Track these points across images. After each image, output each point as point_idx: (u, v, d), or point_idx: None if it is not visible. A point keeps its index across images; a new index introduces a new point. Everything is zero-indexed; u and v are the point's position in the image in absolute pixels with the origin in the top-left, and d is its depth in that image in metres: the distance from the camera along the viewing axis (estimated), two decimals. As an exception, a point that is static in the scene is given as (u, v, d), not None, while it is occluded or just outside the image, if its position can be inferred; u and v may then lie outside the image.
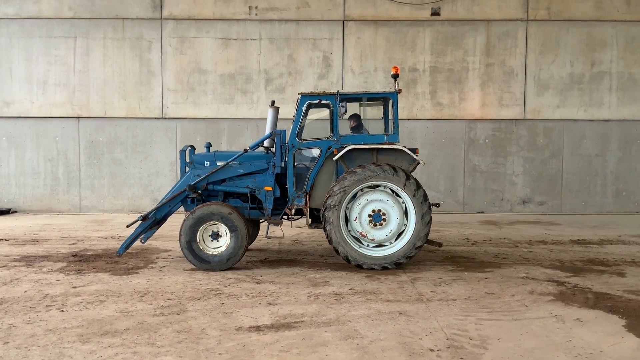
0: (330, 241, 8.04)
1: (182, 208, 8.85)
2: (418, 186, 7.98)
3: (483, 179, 14.88)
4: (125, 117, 14.74)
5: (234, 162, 8.56)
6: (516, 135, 14.83)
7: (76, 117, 14.74)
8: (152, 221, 8.55)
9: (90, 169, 14.81)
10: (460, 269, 8.22)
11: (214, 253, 8.05)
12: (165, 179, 14.80)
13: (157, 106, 14.74)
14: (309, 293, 6.90)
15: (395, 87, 8.50)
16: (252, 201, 8.60)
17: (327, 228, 7.99)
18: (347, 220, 8.11)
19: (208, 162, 8.72)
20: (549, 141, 14.85)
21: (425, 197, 8.00)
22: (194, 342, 5.18)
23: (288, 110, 14.79)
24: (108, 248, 9.74)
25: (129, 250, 9.35)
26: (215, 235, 8.07)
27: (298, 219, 8.96)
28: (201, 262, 8.00)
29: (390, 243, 8.13)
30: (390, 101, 8.62)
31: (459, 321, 5.82)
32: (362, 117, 9.26)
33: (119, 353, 4.91)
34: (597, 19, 14.61)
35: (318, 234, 10.95)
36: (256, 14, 14.59)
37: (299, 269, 8.24)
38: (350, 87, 14.45)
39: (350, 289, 7.07)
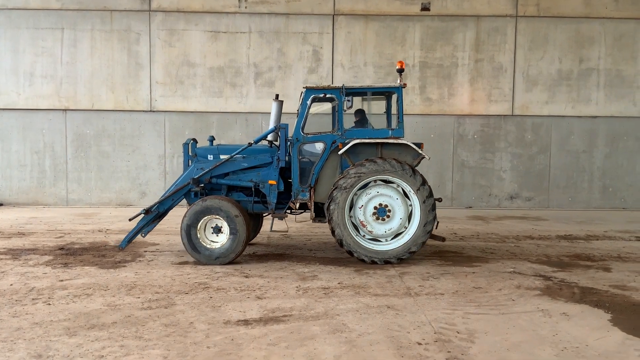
0: (329, 221, 8.00)
1: (183, 202, 8.79)
2: (430, 194, 8.01)
3: (471, 175, 14.94)
4: (113, 110, 14.62)
5: (237, 155, 8.52)
6: (504, 131, 14.89)
7: (63, 110, 14.60)
8: (155, 215, 8.49)
9: (78, 161, 14.69)
10: (448, 263, 8.26)
11: (208, 246, 8.00)
12: (153, 172, 14.72)
13: (145, 99, 14.64)
14: (297, 287, 6.90)
15: (400, 81, 8.48)
16: (256, 195, 8.58)
17: (332, 207, 7.95)
18: (351, 208, 8.10)
19: (211, 156, 8.67)
20: (536, 137, 14.93)
21: (433, 206, 8.03)
22: (181, 336, 5.16)
23: (277, 104, 14.74)
24: (95, 241, 9.68)
25: (116, 244, 9.31)
26: (218, 230, 8.04)
27: (301, 212, 8.93)
28: (192, 249, 7.95)
29: (387, 240, 8.15)
30: (393, 96, 8.66)
31: (446, 315, 5.85)
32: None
33: (106, 346, 4.88)
34: (586, 16, 14.69)
35: (307, 228, 10.95)
36: (246, 7, 14.52)
37: (288, 263, 8.24)
38: (341, 82, 14.41)
39: (339, 283, 7.08)
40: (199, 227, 7.97)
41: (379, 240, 8.16)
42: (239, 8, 14.53)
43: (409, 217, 8.11)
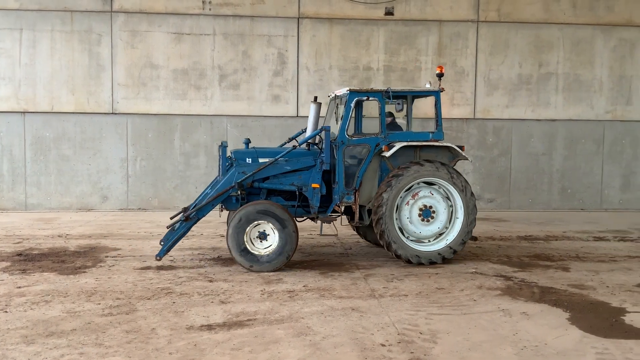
0: (381, 185, 8.13)
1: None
2: (470, 231, 8.35)
3: (435, 177, 15.08)
4: (73, 112, 14.30)
5: (280, 158, 8.38)
6: (466, 134, 15.12)
7: (22, 112, 14.22)
8: (195, 221, 8.19)
9: (37, 165, 14.33)
10: (412, 264, 8.34)
11: (244, 232, 7.78)
12: (115, 175, 14.45)
13: (106, 101, 14.37)
14: (262, 291, 6.88)
15: (439, 85, 8.68)
16: (298, 198, 8.48)
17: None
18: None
19: (250, 159, 8.48)
20: (498, 140, 15.21)
21: (463, 243, 8.33)
22: (143, 342, 5.09)
23: (242, 107, 14.74)
24: (54, 247, 9.45)
25: (76, 250, 9.14)
26: (264, 236, 7.90)
27: (339, 216, 8.90)
28: (237, 222, 7.76)
29: (405, 235, 8.28)
30: (415, 100, 9.21)
31: (409, 316, 5.91)
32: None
33: (65, 354, 4.78)
34: (545, 22, 15.03)
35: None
36: (210, 9, 14.41)
37: (252, 266, 8.19)
38: (306, 85, 14.45)
39: (304, 286, 7.08)
40: (256, 223, 7.82)
41: (400, 232, 8.25)
42: (203, 10, 14.41)
43: (441, 233, 8.42)
